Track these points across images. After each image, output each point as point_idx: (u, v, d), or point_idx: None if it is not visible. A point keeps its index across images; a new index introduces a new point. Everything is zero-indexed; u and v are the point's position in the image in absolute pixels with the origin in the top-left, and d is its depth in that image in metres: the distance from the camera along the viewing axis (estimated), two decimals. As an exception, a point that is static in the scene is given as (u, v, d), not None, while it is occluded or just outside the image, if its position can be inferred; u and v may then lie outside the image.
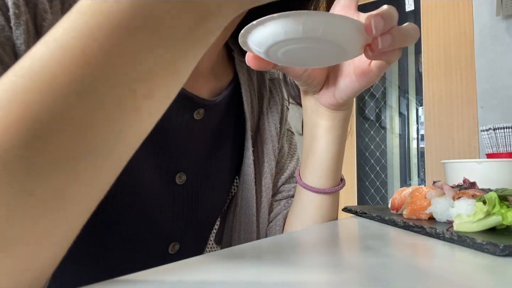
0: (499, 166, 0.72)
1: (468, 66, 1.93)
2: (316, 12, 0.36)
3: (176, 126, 0.42)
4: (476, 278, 0.27)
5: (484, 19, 1.88)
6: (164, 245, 0.43)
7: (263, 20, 0.27)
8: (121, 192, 0.38)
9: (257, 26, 0.27)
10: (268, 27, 0.27)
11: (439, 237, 0.42)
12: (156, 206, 0.41)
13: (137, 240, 0.41)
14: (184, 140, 0.43)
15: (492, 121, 1.78)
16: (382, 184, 2.40)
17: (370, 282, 0.25)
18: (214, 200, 0.47)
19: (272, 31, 0.27)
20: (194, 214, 0.45)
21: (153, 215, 0.41)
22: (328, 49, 0.29)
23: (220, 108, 0.47)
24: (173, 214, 0.43)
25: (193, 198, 0.45)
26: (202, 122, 0.44)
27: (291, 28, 0.26)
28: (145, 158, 0.40)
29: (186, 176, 0.44)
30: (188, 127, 0.43)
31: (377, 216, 0.60)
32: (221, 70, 0.49)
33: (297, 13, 0.26)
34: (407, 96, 2.68)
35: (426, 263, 0.31)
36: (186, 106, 0.42)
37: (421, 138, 2.71)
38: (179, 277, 0.25)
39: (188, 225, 0.45)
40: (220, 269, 0.27)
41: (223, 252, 0.33)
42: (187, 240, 0.45)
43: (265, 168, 0.51)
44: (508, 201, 0.44)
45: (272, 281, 0.25)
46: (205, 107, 0.44)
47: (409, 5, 2.21)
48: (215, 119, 0.47)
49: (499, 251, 0.33)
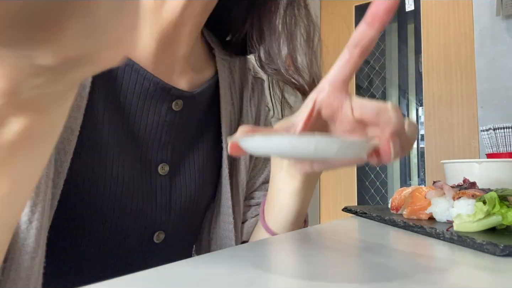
0: (499, 166, 0.72)
1: (468, 66, 1.93)
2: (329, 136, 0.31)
3: (155, 117, 0.42)
4: (476, 278, 0.27)
5: (484, 19, 1.88)
6: (149, 234, 0.44)
7: (269, 136, 0.26)
8: (105, 183, 0.39)
9: (262, 139, 0.26)
10: (275, 143, 0.26)
11: (439, 237, 0.42)
12: (139, 195, 0.42)
13: (122, 230, 0.41)
14: (166, 131, 0.44)
15: (492, 121, 1.78)
16: (382, 184, 2.40)
17: (370, 282, 0.25)
18: (198, 191, 0.48)
19: (278, 147, 0.26)
20: (178, 204, 0.45)
21: (137, 204, 0.42)
22: None
23: (200, 101, 0.47)
24: (156, 204, 0.43)
25: (176, 188, 0.45)
26: (181, 114, 0.45)
27: (302, 150, 0.25)
28: (127, 149, 0.41)
29: (169, 167, 0.45)
30: (168, 118, 0.44)
31: (377, 216, 0.60)
32: (200, 64, 0.49)
33: (309, 136, 0.25)
34: (407, 96, 2.68)
35: (426, 263, 0.31)
36: (163, 97, 0.43)
37: (421, 138, 2.71)
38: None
39: (172, 215, 0.45)
40: (227, 266, 0.27)
41: (225, 251, 0.33)
42: (172, 229, 0.45)
43: (241, 166, 0.52)
44: (508, 201, 0.44)
45: (272, 280, 0.25)
46: (183, 98, 0.44)
47: (409, 5, 2.21)
48: (195, 112, 0.47)
49: (499, 251, 0.33)
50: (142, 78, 0.41)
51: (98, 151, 0.38)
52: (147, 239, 0.44)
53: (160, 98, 0.42)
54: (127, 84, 0.41)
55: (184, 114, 0.45)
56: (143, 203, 0.42)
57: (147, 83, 0.41)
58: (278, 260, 0.30)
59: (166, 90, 0.43)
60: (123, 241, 0.42)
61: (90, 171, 0.38)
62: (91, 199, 0.38)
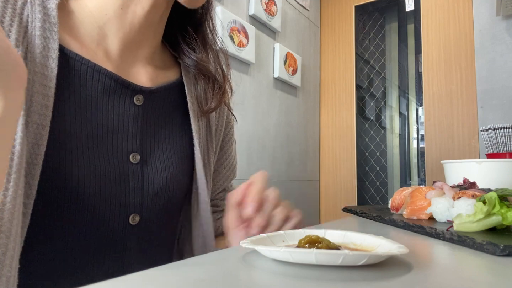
0: (499, 166, 0.72)
1: (468, 66, 1.93)
2: None
3: (120, 110, 0.48)
4: (476, 278, 0.27)
5: (484, 19, 1.88)
6: (124, 216, 0.48)
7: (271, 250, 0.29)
8: (78, 171, 0.43)
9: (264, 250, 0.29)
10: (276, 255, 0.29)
11: (439, 237, 0.42)
12: (112, 181, 0.46)
13: (99, 213, 0.45)
14: (132, 124, 0.49)
15: (492, 121, 1.78)
16: (382, 184, 2.40)
17: (369, 282, 0.25)
18: (171, 179, 0.52)
19: (280, 256, 0.29)
20: (149, 189, 0.50)
21: (111, 189, 0.46)
22: None
23: (162, 96, 0.53)
24: (129, 189, 0.48)
25: (148, 175, 0.50)
26: (145, 108, 0.50)
27: (304, 259, 0.28)
28: (98, 140, 0.46)
29: (140, 156, 0.49)
30: (132, 111, 0.49)
31: (377, 216, 0.60)
32: (163, 66, 0.56)
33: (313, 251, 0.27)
34: (407, 96, 2.68)
35: (426, 263, 0.31)
36: (124, 92, 0.48)
37: (421, 138, 2.71)
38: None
39: (145, 198, 0.49)
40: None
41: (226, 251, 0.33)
42: (146, 211, 0.50)
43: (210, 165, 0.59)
44: (508, 201, 0.44)
45: (272, 280, 0.25)
46: (142, 93, 0.50)
47: (409, 5, 2.21)
48: (159, 106, 0.53)
49: (499, 251, 0.33)
50: (104, 76, 0.46)
51: (69, 143, 0.43)
52: (123, 221, 0.48)
53: (122, 93, 0.48)
54: (91, 83, 0.45)
55: (147, 108, 0.51)
56: (116, 188, 0.46)
57: (108, 80, 0.47)
58: (279, 260, 0.30)
59: (125, 85, 0.48)
60: (101, 223, 0.46)
61: (63, 162, 0.42)
62: (67, 186, 0.42)
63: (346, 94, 2.37)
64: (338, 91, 2.40)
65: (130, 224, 0.48)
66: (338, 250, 0.28)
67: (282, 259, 0.29)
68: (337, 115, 2.38)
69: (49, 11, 0.43)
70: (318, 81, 2.43)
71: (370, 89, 2.50)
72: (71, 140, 0.43)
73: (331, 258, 0.27)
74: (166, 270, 0.28)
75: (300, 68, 2.13)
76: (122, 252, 0.48)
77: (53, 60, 0.41)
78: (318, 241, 0.31)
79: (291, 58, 2.05)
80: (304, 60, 2.24)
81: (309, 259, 0.27)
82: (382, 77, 2.51)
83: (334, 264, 0.27)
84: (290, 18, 2.12)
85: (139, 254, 0.50)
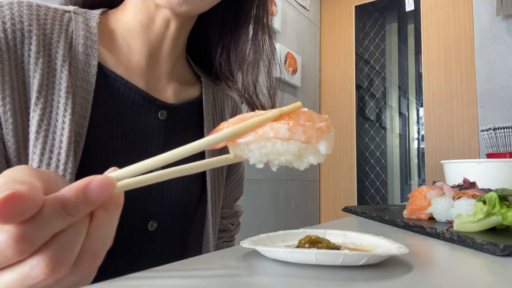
0: (499, 166, 0.72)
1: (468, 66, 1.93)
2: None
3: (146, 124, 0.51)
4: (476, 278, 0.27)
5: (484, 19, 1.88)
6: (143, 223, 0.50)
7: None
8: None
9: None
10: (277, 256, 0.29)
11: (439, 237, 0.42)
12: (136, 189, 0.47)
13: (121, 218, 0.47)
14: (154, 139, 0.52)
15: (492, 121, 1.78)
16: (382, 184, 2.40)
17: (369, 282, 0.25)
18: (184, 189, 0.55)
19: (280, 256, 0.29)
20: (168, 198, 0.52)
21: (134, 197, 0.48)
22: None
23: (183, 113, 0.56)
24: (148, 198, 0.50)
25: (167, 184, 0.52)
26: (167, 123, 0.53)
27: (304, 259, 0.28)
28: (125, 150, 0.48)
29: (161, 167, 0.50)
30: (156, 126, 0.52)
31: (377, 216, 0.60)
32: (186, 83, 0.59)
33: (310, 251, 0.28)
34: (407, 96, 2.68)
35: (426, 263, 0.31)
36: (150, 107, 0.51)
37: (421, 138, 2.71)
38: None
39: (163, 206, 0.52)
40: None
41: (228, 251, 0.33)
42: (163, 218, 0.52)
43: (220, 182, 0.60)
44: (508, 201, 0.44)
45: (272, 279, 0.25)
46: (166, 109, 0.53)
47: (409, 5, 2.21)
48: (180, 121, 0.55)
49: (499, 251, 0.33)
50: (134, 93, 0.50)
51: (100, 152, 0.46)
52: (142, 227, 0.50)
53: (148, 108, 0.51)
54: (122, 98, 0.49)
55: (169, 123, 0.53)
56: (138, 195, 0.49)
57: (137, 97, 0.50)
58: (279, 260, 0.30)
59: (152, 101, 0.51)
60: (122, 228, 0.48)
61: (94, 170, 0.42)
62: None
63: (346, 94, 2.37)
64: (338, 91, 2.40)
65: (149, 230, 0.51)
66: (338, 250, 0.28)
67: (282, 259, 0.29)
68: (337, 115, 2.38)
69: (91, 28, 0.47)
70: (318, 81, 2.43)
71: (370, 89, 2.50)
72: (101, 149, 0.46)
73: (331, 258, 0.27)
74: (166, 270, 0.28)
75: (300, 68, 2.13)
76: (138, 254, 0.51)
77: (92, 76, 0.45)
78: (318, 241, 0.31)
79: (291, 58, 2.05)
80: (304, 60, 2.24)
81: (309, 259, 0.27)
82: (382, 77, 2.51)
83: (334, 264, 0.27)
84: (290, 18, 2.12)
85: (153, 256, 0.52)
